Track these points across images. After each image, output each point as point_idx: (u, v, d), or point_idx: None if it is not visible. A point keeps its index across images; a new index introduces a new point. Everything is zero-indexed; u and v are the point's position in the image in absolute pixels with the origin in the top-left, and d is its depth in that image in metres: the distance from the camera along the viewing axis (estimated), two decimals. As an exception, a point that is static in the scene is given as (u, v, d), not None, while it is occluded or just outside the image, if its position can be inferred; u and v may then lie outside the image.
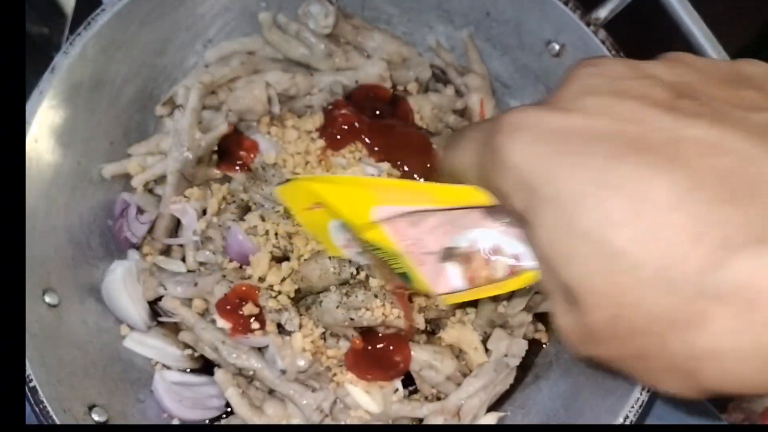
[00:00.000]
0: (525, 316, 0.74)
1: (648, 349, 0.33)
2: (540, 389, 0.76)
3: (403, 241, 0.55)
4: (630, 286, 0.32)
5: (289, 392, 0.70)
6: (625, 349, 0.35)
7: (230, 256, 0.73)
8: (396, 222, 0.54)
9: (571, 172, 0.34)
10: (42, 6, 1.64)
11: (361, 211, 0.54)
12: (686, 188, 0.31)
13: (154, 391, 0.73)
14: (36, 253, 0.69)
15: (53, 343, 0.68)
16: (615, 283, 0.32)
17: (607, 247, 0.32)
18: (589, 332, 0.36)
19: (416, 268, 0.55)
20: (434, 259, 0.54)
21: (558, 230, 0.34)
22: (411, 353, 0.71)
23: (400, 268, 0.57)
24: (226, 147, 0.75)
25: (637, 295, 0.32)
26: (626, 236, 0.32)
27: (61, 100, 0.71)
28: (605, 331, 0.34)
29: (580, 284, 0.34)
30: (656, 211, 0.31)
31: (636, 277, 0.32)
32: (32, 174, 0.69)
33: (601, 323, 0.34)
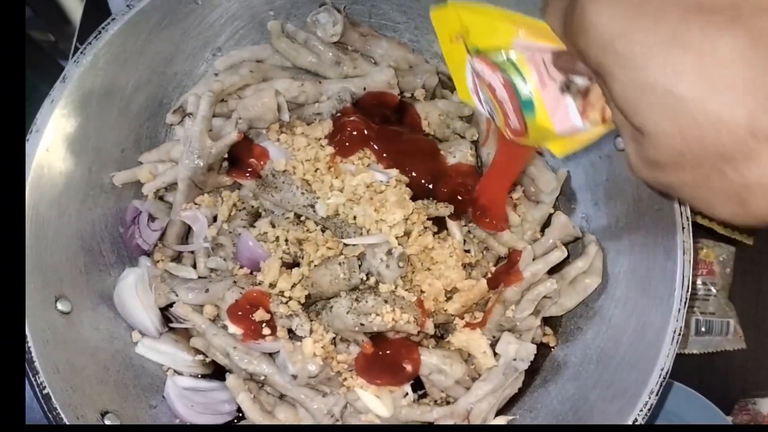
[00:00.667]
0: (533, 320, 0.74)
1: (707, 179, 0.40)
2: (548, 392, 0.77)
3: (531, 59, 0.57)
4: (692, 127, 0.38)
5: (300, 397, 0.71)
6: (686, 177, 0.41)
7: (241, 262, 0.73)
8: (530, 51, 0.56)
9: (644, 32, 0.38)
10: (48, 14, 1.65)
11: (502, 41, 0.57)
12: (745, 45, 0.35)
13: (166, 396, 0.74)
14: (48, 260, 0.70)
15: (66, 350, 0.68)
16: (679, 125, 0.38)
17: (673, 95, 0.37)
18: (655, 162, 0.42)
19: (540, 91, 0.57)
20: (555, 87, 0.56)
21: (630, 82, 0.40)
22: (420, 358, 0.72)
23: (525, 92, 0.58)
24: (236, 154, 0.76)
25: (698, 135, 0.38)
26: (690, 85, 0.37)
27: (72, 109, 0.72)
28: (670, 163, 0.41)
29: (649, 127, 0.40)
30: (717, 65, 0.36)
31: (697, 120, 0.37)
32: (44, 182, 0.70)
33: (667, 156, 0.40)
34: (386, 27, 0.86)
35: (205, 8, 0.78)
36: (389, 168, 0.74)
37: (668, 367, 0.66)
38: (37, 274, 0.68)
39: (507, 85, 0.58)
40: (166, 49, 0.79)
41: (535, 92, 0.57)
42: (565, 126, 0.57)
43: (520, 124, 0.60)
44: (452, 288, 0.74)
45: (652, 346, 0.67)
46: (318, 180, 0.74)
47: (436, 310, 0.74)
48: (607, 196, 0.78)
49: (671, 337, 0.67)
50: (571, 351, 0.78)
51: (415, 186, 0.75)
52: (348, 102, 0.78)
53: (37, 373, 0.64)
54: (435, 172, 0.76)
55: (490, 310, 0.74)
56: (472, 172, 0.77)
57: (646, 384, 0.66)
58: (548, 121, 0.57)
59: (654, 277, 0.70)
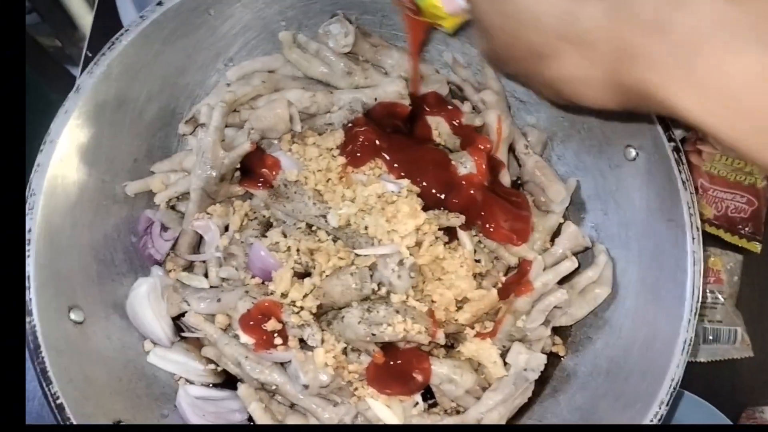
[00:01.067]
0: (544, 330, 0.75)
1: (530, 71, 0.47)
2: (558, 402, 0.77)
3: None
4: (516, 24, 0.44)
5: (311, 407, 0.71)
6: (518, 68, 0.48)
7: (253, 272, 0.74)
8: None
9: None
10: (55, 19, 1.65)
11: None
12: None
13: (178, 405, 0.74)
14: (62, 270, 0.70)
15: (79, 360, 0.69)
16: (507, 21, 0.44)
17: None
18: (495, 53, 0.49)
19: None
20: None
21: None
22: (431, 367, 0.72)
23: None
24: (248, 164, 0.76)
25: (521, 32, 0.44)
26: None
27: (86, 120, 0.72)
28: (503, 54, 0.48)
29: (486, 21, 0.47)
30: None
31: (521, 18, 0.43)
32: (58, 192, 0.70)
33: (500, 48, 0.47)
34: (397, 37, 0.87)
35: (217, 19, 0.79)
36: (400, 178, 0.75)
37: (679, 377, 0.66)
38: (51, 284, 0.68)
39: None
40: (179, 60, 0.79)
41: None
42: (451, 5, 0.65)
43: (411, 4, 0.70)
44: (463, 298, 0.74)
45: (663, 356, 0.68)
46: (330, 190, 0.74)
47: (446, 320, 0.74)
48: (617, 205, 0.78)
49: (682, 348, 0.67)
50: (580, 361, 0.78)
51: (427, 196, 0.75)
52: (359, 112, 0.79)
53: (50, 383, 0.64)
54: (446, 183, 0.76)
55: (500, 320, 0.75)
56: (482, 182, 0.77)
57: (656, 394, 0.66)
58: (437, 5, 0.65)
59: (664, 288, 0.70)
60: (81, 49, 1.70)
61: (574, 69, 0.43)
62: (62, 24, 1.63)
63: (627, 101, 0.44)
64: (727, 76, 0.37)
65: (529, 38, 0.43)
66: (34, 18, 1.75)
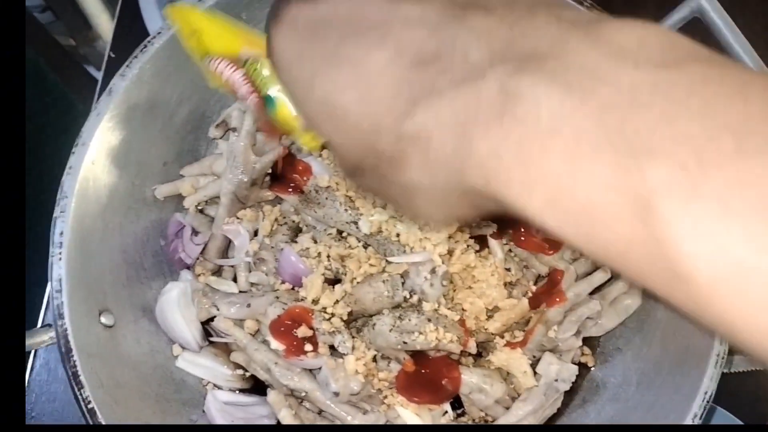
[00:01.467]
0: (575, 341, 0.74)
1: (382, 184, 0.41)
2: (587, 413, 0.76)
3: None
4: (359, 135, 0.39)
5: (341, 414, 0.71)
6: (371, 181, 0.42)
7: (283, 277, 0.73)
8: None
9: (312, 53, 0.40)
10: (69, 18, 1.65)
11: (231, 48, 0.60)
12: (391, 56, 0.37)
13: (206, 411, 0.74)
14: (93, 273, 0.70)
15: (110, 364, 0.68)
16: (350, 135, 0.40)
17: (337, 109, 0.39)
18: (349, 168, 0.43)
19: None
20: None
21: (306, 101, 0.41)
22: (461, 376, 0.72)
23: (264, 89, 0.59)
24: (279, 169, 0.76)
25: (366, 142, 0.39)
26: (350, 98, 0.38)
27: (117, 123, 0.72)
28: (356, 168, 0.42)
29: (330, 139, 0.42)
30: (370, 76, 0.37)
31: (361, 129, 0.38)
32: (89, 195, 0.70)
33: (351, 163, 0.42)
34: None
35: (249, 23, 0.78)
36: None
37: (712, 391, 0.66)
38: (83, 288, 0.68)
39: (249, 80, 0.60)
40: (210, 63, 0.79)
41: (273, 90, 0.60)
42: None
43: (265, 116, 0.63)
44: (493, 307, 0.74)
45: (696, 369, 0.67)
46: (361, 196, 0.74)
47: (477, 329, 0.73)
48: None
49: (715, 361, 0.66)
50: (610, 372, 0.78)
51: (458, 204, 0.74)
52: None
53: (82, 388, 0.64)
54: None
55: (531, 330, 0.74)
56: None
57: (689, 408, 0.66)
58: (291, 116, 0.59)
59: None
60: (95, 48, 1.70)
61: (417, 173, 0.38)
62: (76, 22, 1.63)
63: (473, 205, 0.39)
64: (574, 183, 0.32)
65: (377, 145, 0.38)
66: (48, 16, 1.75)
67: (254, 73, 0.59)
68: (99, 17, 1.51)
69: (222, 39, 0.60)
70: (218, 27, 0.61)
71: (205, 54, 0.62)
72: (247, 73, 0.59)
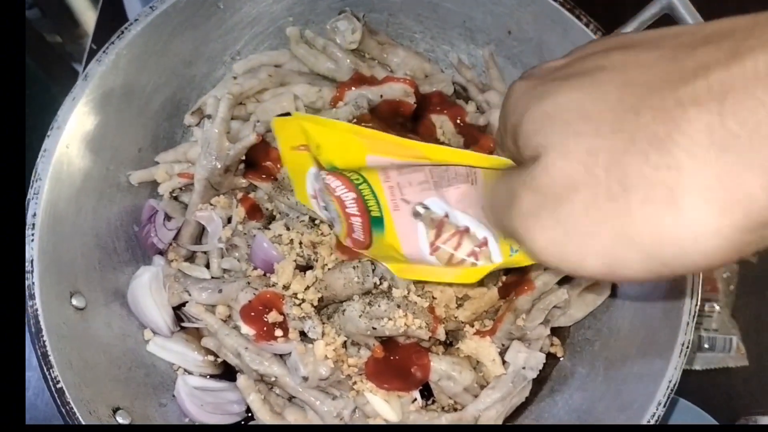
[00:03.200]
0: (543, 330, 0.75)
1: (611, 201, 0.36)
2: (555, 402, 0.77)
3: (386, 181, 0.56)
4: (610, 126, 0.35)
5: (310, 399, 0.71)
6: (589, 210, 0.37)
7: (255, 263, 0.74)
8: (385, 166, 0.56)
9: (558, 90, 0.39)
10: (57, 15, 1.66)
11: (354, 158, 0.56)
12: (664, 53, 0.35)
13: (176, 395, 0.74)
14: (64, 256, 0.70)
15: (80, 345, 0.69)
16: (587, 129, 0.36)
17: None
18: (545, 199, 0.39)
19: (391, 212, 0.56)
20: (408, 210, 0.55)
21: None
22: (430, 363, 0.72)
23: (375, 210, 0.57)
24: (253, 157, 0.76)
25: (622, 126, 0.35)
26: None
27: (93, 107, 0.72)
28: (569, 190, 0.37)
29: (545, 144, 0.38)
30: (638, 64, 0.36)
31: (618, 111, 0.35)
32: (63, 178, 0.70)
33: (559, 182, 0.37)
34: (403, 36, 0.88)
35: (226, 12, 0.79)
36: (405, 174, 0.75)
37: (676, 380, 0.67)
38: (54, 270, 0.68)
39: (359, 202, 0.58)
40: (186, 51, 0.79)
41: (387, 212, 0.57)
42: (412, 250, 0.56)
43: (366, 238, 0.60)
44: (463, 295, 0.74)
45: (661, 358, 0.68)
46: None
47: (446, 317, 0.74)
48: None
49: (680, 350, 0.67)
50: (578, 362, 0.78)
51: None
52: (365, 109, 0.79)
53: (51, 367, 0.65)
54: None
55: (500, 318, 0.75)
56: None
57: (654, 396, 0.67)
58: (397, 240, 0.57)
59: (663, 290, 0.71)
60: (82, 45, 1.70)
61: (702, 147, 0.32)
62: (63, 19, 1.63)
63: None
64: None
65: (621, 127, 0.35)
66: (35, 13, 1.76)
67: (366, 195, 0.58)
68: (85, 14, 1.52)
69: (347, 150, 0.57)
70: (340, 136, 0.57)
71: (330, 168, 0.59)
72: (360, 194, 0.58)
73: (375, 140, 0.54)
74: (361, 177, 0.58)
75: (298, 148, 0.63)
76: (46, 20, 1.72)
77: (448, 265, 0.54)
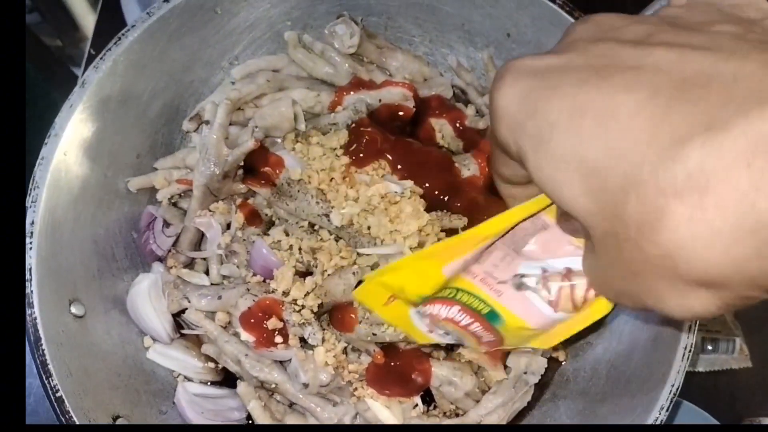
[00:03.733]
0: (544, 334, 0.75)
1: (636, 261, 0.34)
2: (557, 407, 0.77)
3: (475, 278, 0.55)
4: (607, 200, 0.33)
5: (311, 406, 0.71)
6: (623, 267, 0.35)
7: (254, 270, 0.74)
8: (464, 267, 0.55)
9: (546, 104, 0.36)
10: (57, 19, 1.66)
11: (434, 278, 0.55)
12: (645, 97, 0.33)
13: (177, 402, 0.74)
14: (63, 264, 0.70)
15: (79, 353, 0.68)
16: (597, 199, 0.34)
17: (583, 165, 0.34)
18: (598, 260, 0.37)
19: (498, 300, 0.55)
20: (510, 288, 0.54)
21: (543, 163, 0.36)
22: (431, 369, 0.72)
23: (485, 307, 0.56)
24: (251, 163, 0.76)
25: (614, 207, 0.33)
26: (596, 151, 0.34)
27: (90, 114, 0.72)
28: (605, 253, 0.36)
29: (576, 209, 0.36)
30: (619, 122, 0.33)
31: (610, 189, 0.33)
32: (61, 185, 0.70)
33: (600, 243, 0.36)
34: (402, 40, 0.87)
35: (223, 17, 0.79)
36: (404, 179, 0.75)
37: (679, 383, 0.66)
38: (52, 277, 0.68)
39: (466, 310, 0.57)
40: (184, 57, 0.79)
41: (494, 303, 0.55)
42: (538, 320, 0.54)
43: (494, 335, 0.58)
44: (464, 300, 0.74)
45: (663, 362, 0.67)
46: (333, 190, 0.74)
47: (447, 322, 0.74)
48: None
49: (682, 354, 0.67)
50: (580, 366, 0.78)
51: (429, 198, 0.75)
52: (363, 113, 0.79)
53: (50, 376, 0.64)
54: (449, 185, 0.76)
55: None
56: (485, 185, 0.77)
57: (656, 400, 0.66)
58: (520, 320, 0.55)
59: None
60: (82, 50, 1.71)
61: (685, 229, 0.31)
62: (63, 24, 1.63)
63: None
64: None
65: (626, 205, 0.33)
66: (35, 17, 1.76)
67: (467, 300, 0.56)
68: (85, 18, 1.52)
69: (425, 276, 0.55)
70: (413, 268, 0.56)
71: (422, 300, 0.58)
72: (462, 303, 0.56)
73: (440, 251, 0.53)
74: (452, 290, 0.57)
75: (389, 302, 0.61)
76: (46, 24, 1.72)
77: (577, 310, 0.53)
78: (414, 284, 0.57)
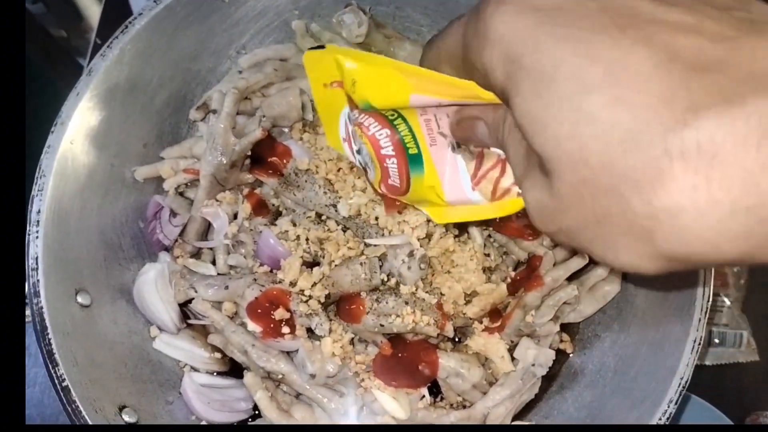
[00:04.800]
0: (552, 326, 0.74)
1: (609, 212, 0.34)
2: (565, 399, 0.76)
3: (422, 115, 0.53)
4: (599, 149, 0.33)
5: (317, 396, 0.71)
6: (587, 213, 0.35)
7: (261, 260, 0.73)
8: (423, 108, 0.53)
9: (554, 43, 0.35)
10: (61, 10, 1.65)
11: (396, 96, 0.51)
12: (663, 59, 0.32)
13: (183, 393, 0.73)
14: (69, 253, 0.70)
15: (85, 343, 0.68)
16: (585, 146, 0.34)
17: (580, 112, 0.33)
18: (556, 200, 0.37)
19: (428, 147, 0.52)
20: (446, 144, 0.52)
21: (535, 98, 0.36)
22: (438, 360, 0.72)
23: (414, 148, 0.53)
24: (259, 152, 0.76)
25: (606, 157, 0.33)
26: (600, 101, 0.33)
27: (97, 102, 0.72)
28: (571, 197, 0.35)
29: (552, 149, 0.35)
30: (631, 78, 0.32)
31: (605, 140, 0.33)
32: (67, 174, 0.70)
33: (569, 187, 0.35)
34: (410, 29, 0.87)
35: (231, 6, 0.78)
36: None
37: (688, 376, 0.66)
38: (59, 267, 0.68)
39: (394, 139, 0.54)
40: (191, 46, 0.79)
41: (424, 148, 0.53)
42: (453, 187, 0.53)
43: (402, 182, 0.56)
44: (472, 291, 0.73)
45: (672, 355, 0.67)
46: (340, 180, 0.73)
47: (455, 314, 0.73)
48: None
49: (691, 347, 0.67)
50: (588, 358, 0.78)
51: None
52: (372, 103, 0.78)
53: (57, 365, 0.64)
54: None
55: (509, 315, 0.74)
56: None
57: (665, 393, 0.66)
58: (437, 180, 0.53)
59: (674, 286, 0.70)
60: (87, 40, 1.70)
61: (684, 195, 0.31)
62: (68, 14, 1.63)
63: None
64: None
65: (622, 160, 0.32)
66: (39, 8, 1.75)
67: (402, 130, 0.54)
68: (90, 8, 1.51)
69: (387, 88, 0.51)
70: (380, 72, 0.51)
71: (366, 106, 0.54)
72: (395, 129, 0.54)
73: (422, 78, 0.48)
74: (396, 113, 0.54)
75: (331, 85, 0.58)
76: (51, 15, 1.72)
77: (492, 199, 0.51)
78: (370, 88, 0.53)
